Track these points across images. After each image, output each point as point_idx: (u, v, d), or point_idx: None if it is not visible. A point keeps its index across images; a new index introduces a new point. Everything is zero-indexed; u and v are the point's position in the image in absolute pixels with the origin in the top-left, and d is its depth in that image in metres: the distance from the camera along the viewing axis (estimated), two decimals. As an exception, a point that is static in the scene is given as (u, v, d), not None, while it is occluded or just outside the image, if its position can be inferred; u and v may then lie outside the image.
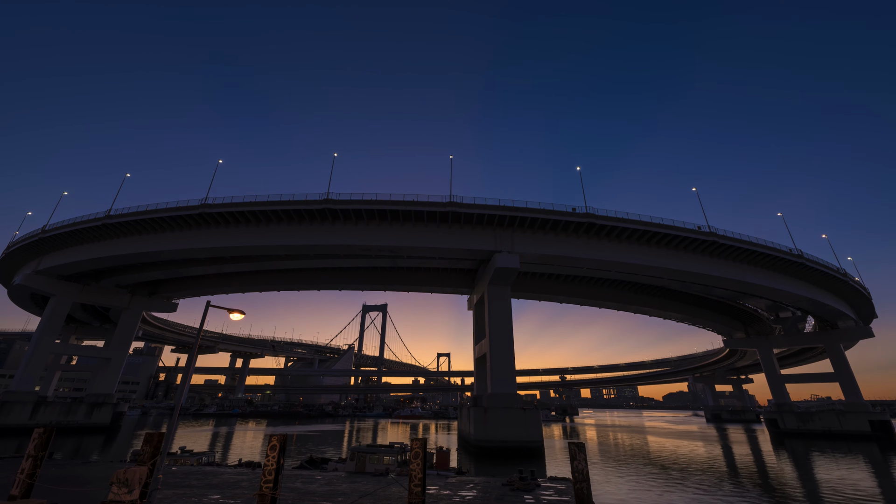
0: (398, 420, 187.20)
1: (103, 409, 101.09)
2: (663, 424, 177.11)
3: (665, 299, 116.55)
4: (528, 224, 79.89)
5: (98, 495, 24.09)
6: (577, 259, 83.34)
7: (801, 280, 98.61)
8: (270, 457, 19.55)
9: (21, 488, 19.41)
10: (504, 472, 41.03)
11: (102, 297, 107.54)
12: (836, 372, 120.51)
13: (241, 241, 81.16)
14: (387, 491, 26.87)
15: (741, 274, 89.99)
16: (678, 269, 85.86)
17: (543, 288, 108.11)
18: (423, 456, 20.89)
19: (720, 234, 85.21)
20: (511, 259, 76.60)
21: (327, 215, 78.74)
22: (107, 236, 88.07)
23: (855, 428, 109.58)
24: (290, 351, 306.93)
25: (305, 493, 26.14)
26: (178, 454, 42.90)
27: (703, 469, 55.43)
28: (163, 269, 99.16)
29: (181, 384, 18.77)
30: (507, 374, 74.53)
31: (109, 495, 16.69)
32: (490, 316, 79.33)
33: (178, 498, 24.16)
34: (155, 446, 18.53)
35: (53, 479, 28.45)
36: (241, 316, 23.56)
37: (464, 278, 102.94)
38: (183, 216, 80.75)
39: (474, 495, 26.14)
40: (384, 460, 36.63)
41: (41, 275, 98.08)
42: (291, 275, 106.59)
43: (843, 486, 44.57)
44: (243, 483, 28.96)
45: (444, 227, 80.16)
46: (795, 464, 62.20)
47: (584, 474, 20.96)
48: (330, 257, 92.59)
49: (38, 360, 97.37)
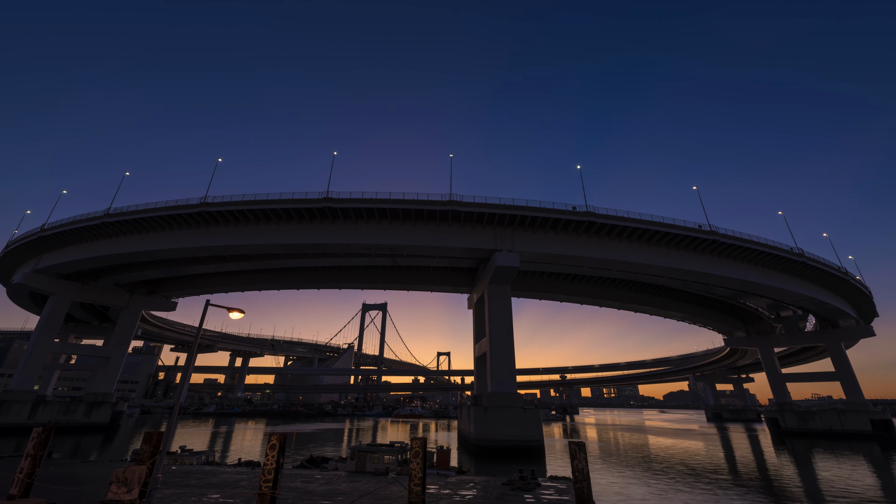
0: (398, 419, 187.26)
1: (102, 409, 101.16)
2: (664, 423, 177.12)
3: (666, 298, 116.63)
4: (528, 222, 79.84)
5: (97, 494, 24.13)
6: (577, 258, 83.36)
7: (803, 279, 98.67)
8: (270, 456, 19.57)
9: (20, 487, 19.43)
10: (504, 471, 41.05)
11: (101, 295, 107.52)
12: (837, 371, 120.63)
13: (240, 239, 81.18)
14: (387, 490, 26.91)
15: (742, 273, 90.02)
16: (679, 268, 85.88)
17: (544, 287, 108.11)
18: (422, 455, 20.92)
19: (721, 232, 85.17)
20: (511, 258, 76.55)
21: (327, 214, 78.73)
22: (106, 235, 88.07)
23: (856, 427, 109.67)
24: (290, 350, 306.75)
25: (305, 492, 26.17)
26: (177, 453, 42.95)
27: (703, 468, 55.46)
28: (162, 268, 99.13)
29: (180, 383, 18.75)
30: (508, 373, 74.54)
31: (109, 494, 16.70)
32: (490, 315, 79.31)
33: (178, 497, 24.20)
34: (154, 445, 18.55)
35: (52, 479, 28.48)
36: (240, 315, 23.55)
37: (464, 277, 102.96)
38: (182, 215, 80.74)
39: (474, 495, 26.18)
40: (385, 459, 36.66)
41: (40, 273, 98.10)
42: (291, 274, 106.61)
43: (845, 486, 44.61)
44: (243, 482, 29.00)
45: (444, 226, 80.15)
46: (796, 463, 62.26)
47: (584, 473, 20.99)
48: (330, 256, 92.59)
49: (36, 358, 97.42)
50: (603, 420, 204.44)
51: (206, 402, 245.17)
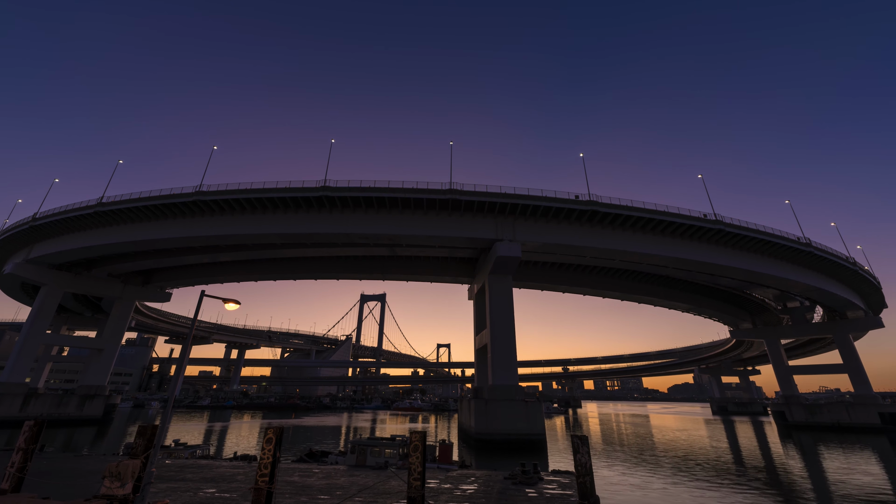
0: (397, 412, 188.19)
1: (95, 401, 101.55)
2: (668, 416, 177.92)
3: (670, 289, 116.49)
4: (530, 212, 79.56)
5: (90, 489, 24.11)
6: (580, 248, 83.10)
7: (810, 269, 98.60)
8: (266, 450, 19.51)
9: (11, 482, 19.39)
10: (506, 465, 41.17)
11: (94, 286, 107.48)
12: (844, 363, 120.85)
13: (236, 229, 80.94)
14: (386, 485, 26.94)
15: (748, 263, 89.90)
16: (684, 258, 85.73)
17: (545, 277, 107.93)
18: (422, 449, 20.89)
19: (727, 221, 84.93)
20: (513, 248, 76.39)
21: (325, 203, 78.42)
22: (99, 224, 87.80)
23: (864, 420, 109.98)
24: (287, 342, 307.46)
25: (303, 486, 26.20)
26: (172, 447, 43.02)
27: (709, 462, 55.66)
28: (156, 258, 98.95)
29: (175, 375, 18.70)
30: (509, 366, 74.60)
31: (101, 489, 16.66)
32: (491, 306, 79.22)
33: (173, 491, 24.22)
34: (148, 439, 18.50)
35: (44, 473, 28.52)
36: (236, 306, 23.44)
37: (464, 267, 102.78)
38: (177, 203, 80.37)
39: (475, 489, 26.20)
40: (385, 453, 36.73)
41: (32, 263, 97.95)
42: (288, 264, 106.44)
43: (854, 481, 44.74)
44: (239, 476, 29.04)
45: (444, 215, 79.90)
46: (804, 457, 62.46)
47: (587, 468, 20.93)
48: (327, 246, 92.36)
49: (28, 350, 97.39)
50: (606, 413, 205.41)
51: (200, 394, 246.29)
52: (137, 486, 17.22)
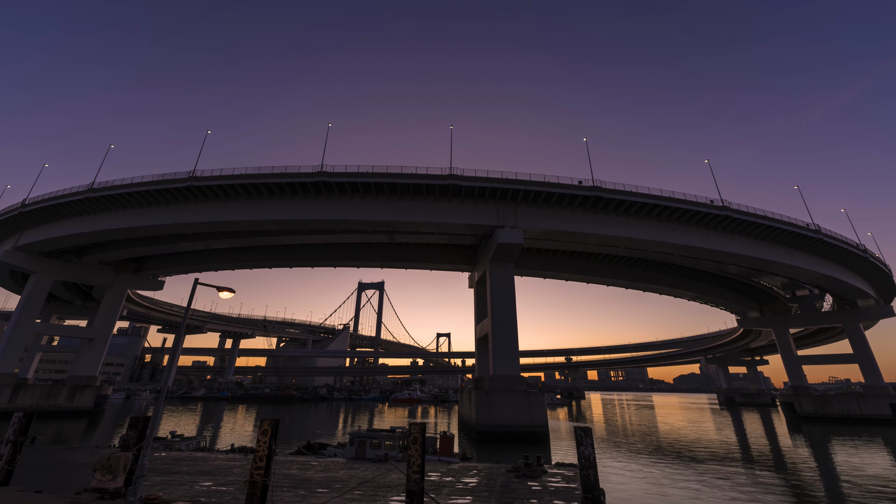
0: (396, 403, 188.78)
1: (86, 392, 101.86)
2: (674, 407, 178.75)
3: (676, 277, 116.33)
4: (532, 198, 79.16)
5: (81, 482, 24.15)
6: (583, 234, 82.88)
7: (819, 256, 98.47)
8: (262, 442, 19.46)
9: (0, 475, 19.44)
10: (508, 457, 41.27)
11: (85, 274, 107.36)
12: (855, 353, 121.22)
13: (230, 215, 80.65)
14: (386, 478, 27.02)
15: (756, 250, 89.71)
16: (690, 245, 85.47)
17: (548, 265, 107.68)
18: (421, 441, 20.86)
19: (734, 207, 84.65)
20: (514, 234, 76.15)
21: (321, 188, 78.06)
22: (90, 210, 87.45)
23: (875, 412, 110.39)
24: (282, 331, 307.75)
25: (301, 480, 26.27)
26: (167, 439, 43.15)
27: (715, 455, 55.95)
28: (148, 245, 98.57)
29: (168, 366, 18.57)
30: (510, 356, 74.75)
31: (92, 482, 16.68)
32: (492, 294, 79.20)
33: (167, 485, 24.26)
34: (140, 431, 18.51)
35: (34, 466, 28.59)
36: (230, 294, 23.30)
37: (464, 255, 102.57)
38: (170, 189, 79.94)
39: (478, 482, 26.27)
40: (385, 445, 36.81)
41: (21, 251, 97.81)
42: (284, 251, 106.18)
43: (867, 474, 44.92)
44: (236, 469, 29.13)
45: (444, 201, 79.55)
46: (813, 449, 62.75)
47: (590, 460, 20.92)
48: (324, 233, 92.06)
49: (17, 340, 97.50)
50: (610, 404, 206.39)
51: (194, 385, 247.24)
52: (130, 479, 17.24)
